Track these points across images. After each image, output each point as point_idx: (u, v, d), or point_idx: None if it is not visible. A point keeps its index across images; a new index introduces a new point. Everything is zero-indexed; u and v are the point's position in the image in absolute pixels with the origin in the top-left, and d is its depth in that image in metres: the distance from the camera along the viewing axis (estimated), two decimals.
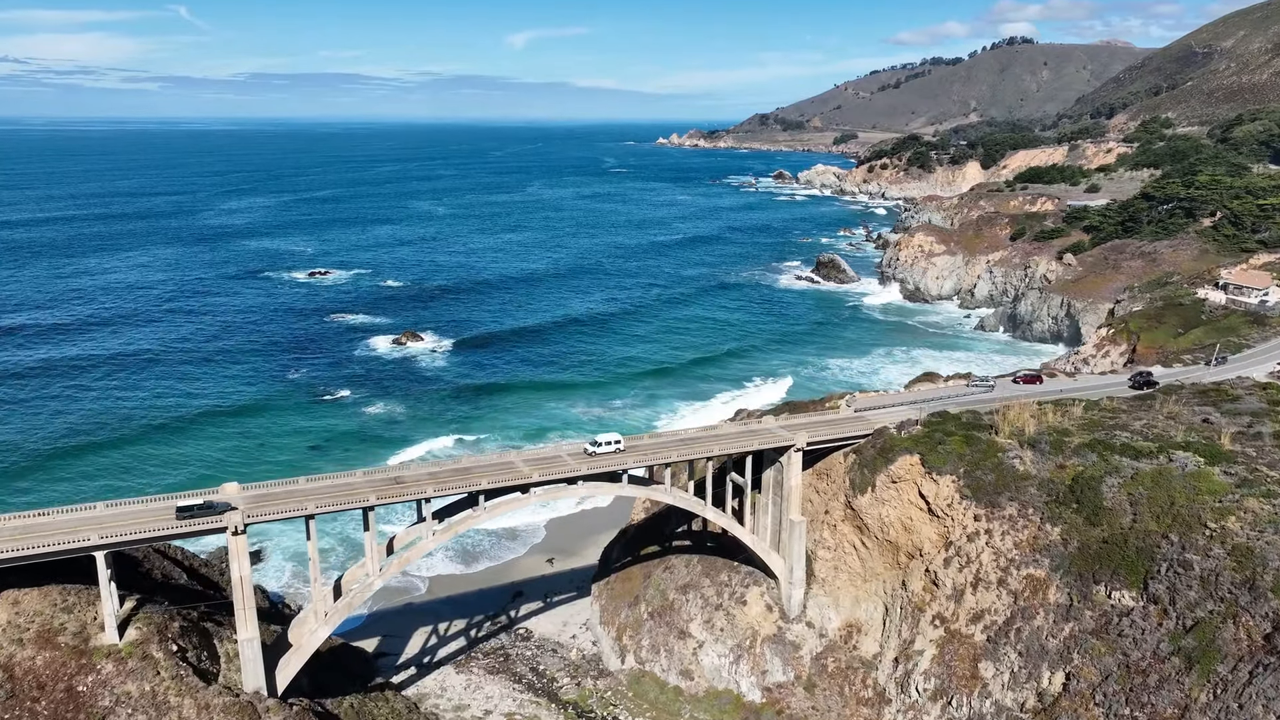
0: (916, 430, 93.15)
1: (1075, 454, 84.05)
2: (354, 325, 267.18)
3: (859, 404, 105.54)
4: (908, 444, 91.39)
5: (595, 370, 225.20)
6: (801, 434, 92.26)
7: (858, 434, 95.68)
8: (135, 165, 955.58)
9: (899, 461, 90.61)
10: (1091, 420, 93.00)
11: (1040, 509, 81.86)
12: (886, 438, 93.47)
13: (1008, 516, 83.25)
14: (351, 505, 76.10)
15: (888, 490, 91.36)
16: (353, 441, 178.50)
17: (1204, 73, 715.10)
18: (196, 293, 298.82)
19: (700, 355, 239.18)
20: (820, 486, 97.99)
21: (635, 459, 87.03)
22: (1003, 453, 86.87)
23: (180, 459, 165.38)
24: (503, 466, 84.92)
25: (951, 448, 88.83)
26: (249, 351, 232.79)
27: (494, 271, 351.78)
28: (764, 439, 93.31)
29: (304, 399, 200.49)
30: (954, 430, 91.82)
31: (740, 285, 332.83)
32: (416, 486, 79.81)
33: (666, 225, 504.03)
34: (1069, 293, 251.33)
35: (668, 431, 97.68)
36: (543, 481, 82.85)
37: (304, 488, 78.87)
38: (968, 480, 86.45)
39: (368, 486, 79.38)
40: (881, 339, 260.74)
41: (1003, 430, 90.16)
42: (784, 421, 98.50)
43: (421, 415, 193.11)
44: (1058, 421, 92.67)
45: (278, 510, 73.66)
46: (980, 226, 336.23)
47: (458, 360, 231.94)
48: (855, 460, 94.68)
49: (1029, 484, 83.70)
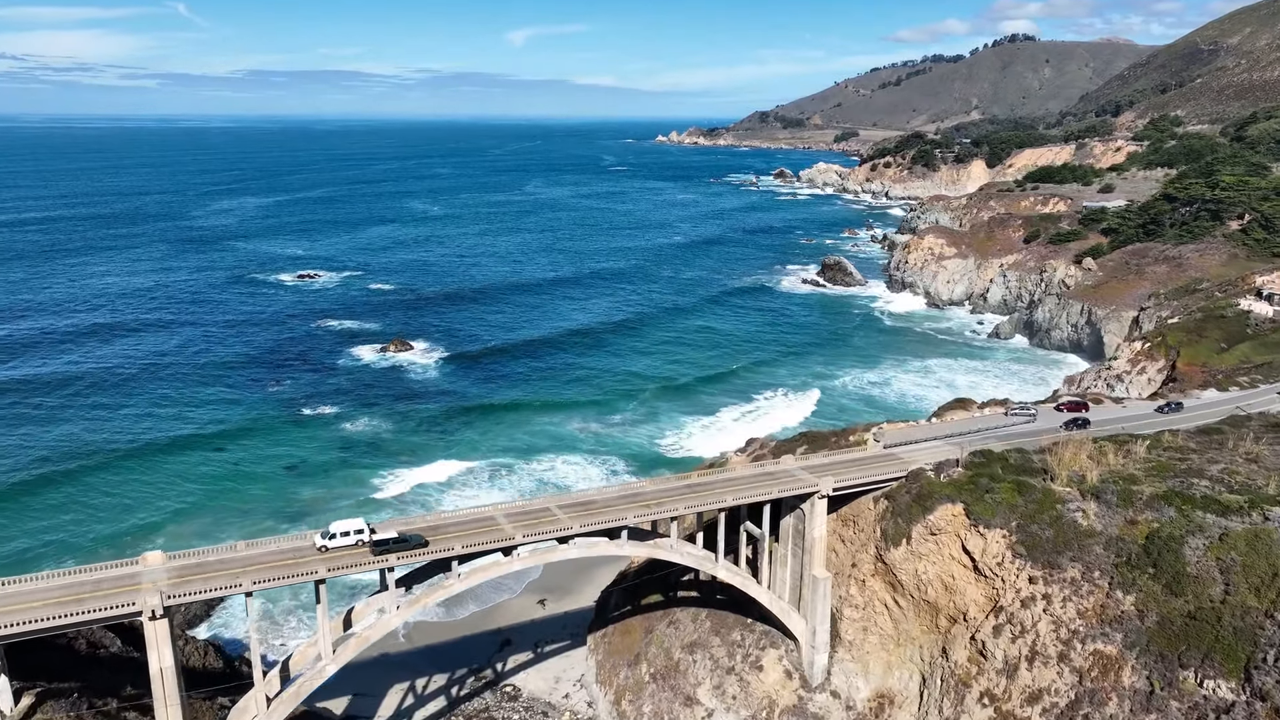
0: (958, 474, 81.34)
1: (1148, 507, 72.24)
2: (341, 332, 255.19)
3: (888, 438, 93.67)
4: (949, 490, 79.59)
5: (592, 382, 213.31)
6: (827, 478, 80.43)
7: (889, 476, 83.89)
8: (128, 163, 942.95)
9: (939, 511, 78.85)
10: (1159, 463, 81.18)
11: (1109, 572, 70.13)
12: (923, 482, 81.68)
13: (1070, 580, 71.51)
14: (298, 578, 63.91)
15: (926, 543, 79.61)
16: (334, 463, 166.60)
17: (1212, 70, 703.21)
18: (177, 300, 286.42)
19: (703, 365, 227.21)
20: (846, 535, 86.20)
21: (637, 512, 74.96)
22: (1061, 503, 75.02)
23: (143, 488, 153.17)
24: (481, 524, 72.80)
25: (1001, 496, 76.96)
26: (228, 363, 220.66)
27: (488, 275, 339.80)
28: (784, 484, 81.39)
29: (283, 415, 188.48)
30: (1002, 474, 79.98)
31: (743, 290, 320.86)
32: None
33: (667, 226, 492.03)
34: (1089, 299, 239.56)
35: (671, 479, 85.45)
36: (528, 541, 70.75)
37: (243, 554, 66.65)
38: (1021, 535, 74.63)
39: (319, 553, 67.31)
40: (892, 347, 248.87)
41: (1059, 475, 78.33)
42: (805, 462, 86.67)
43: (408, 431, 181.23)
44: (1119, 464, 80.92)
45: (208, 587, 61.46)
46: (992, 228, 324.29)
47: (448, 371, 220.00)
48: (888, 507, 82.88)
49: (1094, 542, 71.93)
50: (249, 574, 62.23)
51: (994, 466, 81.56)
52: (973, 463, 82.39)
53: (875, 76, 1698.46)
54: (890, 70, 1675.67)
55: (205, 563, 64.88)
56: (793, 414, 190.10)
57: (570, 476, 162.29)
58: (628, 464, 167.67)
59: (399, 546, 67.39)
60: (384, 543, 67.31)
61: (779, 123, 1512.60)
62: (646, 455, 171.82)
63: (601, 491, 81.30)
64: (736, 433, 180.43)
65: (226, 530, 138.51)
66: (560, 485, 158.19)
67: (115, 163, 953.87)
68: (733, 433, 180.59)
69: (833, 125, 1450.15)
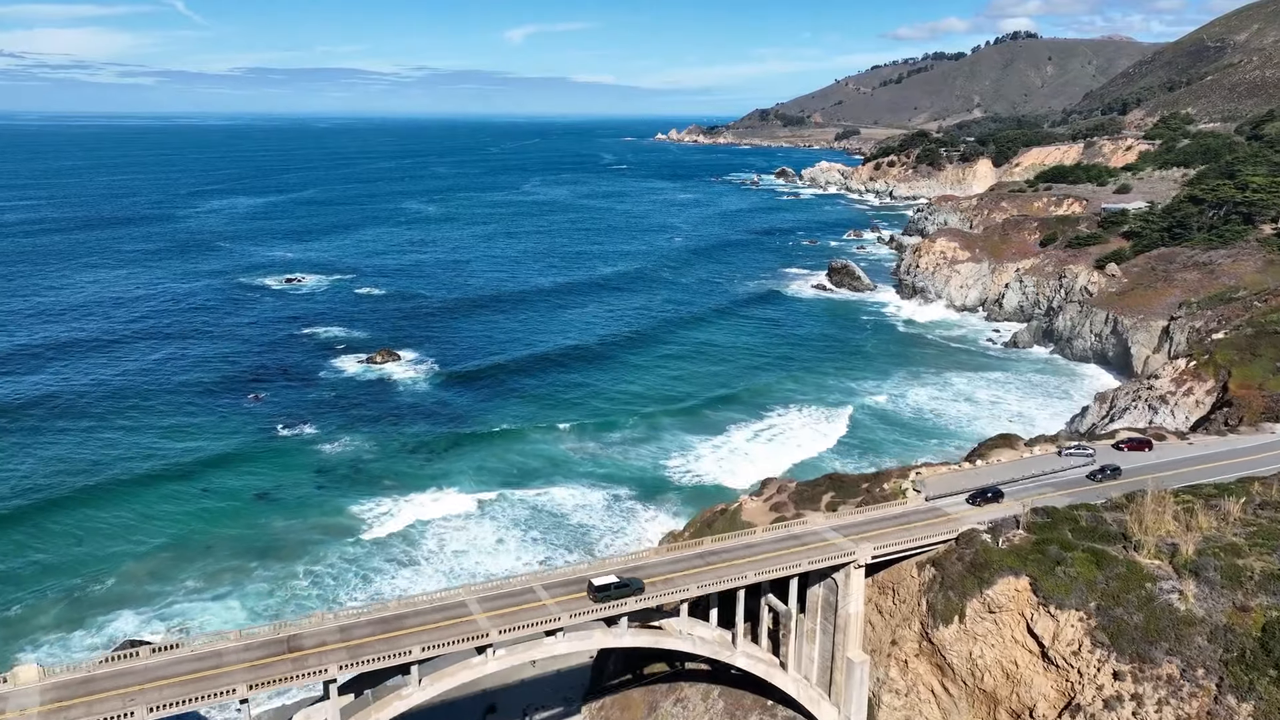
0: (1019, 537, 68.68)
1: (1261, 589, 59.68)
2: (325, 341, 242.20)
3: (930, 487, 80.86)
4: (1010, 560, 66.94)
5: (590, 396, 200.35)
6: (864, 544, 67.77)
7: (937, 539, 71.20)
8: (120, 162, 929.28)
9: (999, 584, 66.22)
10: (1261, 527, 68.44)
11: (1216, 670, 57.55)
12: (979, 546, 68.98)
13: (1166, 678, 58.88)
14: (211, 699, 50.69)
15: (983, 622, 66.94)
16: (309, 491, 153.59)
17: (1222, 67, 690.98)
18: (156, 310, 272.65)
19: (708, 378, 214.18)
20: (885, 605, 73.52)
21: (641, 595, 62.06)
22: (1152, 581, 62.37)
23: (100, 522, 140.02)
24: (448, 613, 59.76)
25: (1076, 570, 64.30)
26: (204, 378, 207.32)
27: (482, 280, 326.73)
28: (814, 553, 68.73)
29: (258, 436, 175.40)
30: (1073, 540, 67.27)
31: (748, 296, 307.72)
32: (316, 660, 54.48)
33: (667, 227, 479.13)
34: (1115, 307, 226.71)
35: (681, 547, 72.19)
36: (507, 641, 57.86)
37: (145, 663, 53.33)
38: (1103, 620, 61.99)
39: (240, 664, 54.05)
40: (906, 357, 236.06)
41: (1144, 543, 65.58)
42: (836, 520, 73.95)
43: (391, 454, 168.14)
44: (1212, 527, 68.21)
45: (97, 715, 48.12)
46: (1006, 231, 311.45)
47: (436, 384, 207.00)
48: (935, 576, 70.20)
49: (1195, 632, 59.37)
50: (149, 691, 49.04)
51: (1061, 529, 68.86)
52: (1036, 523, 69.64)
53: (876, 74, 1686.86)
54: (891, 68, 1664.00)
55: (94, 681, 51.36)
56: (807, 434, 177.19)
57: (567, 504, 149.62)
58: (630, 490, 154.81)
59: (620, 592, 63.81)
60: (605, 588, 63.86)
61: (779, 121, 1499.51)
62: (651, 480, 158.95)
63: (597, 566, 68.33)
64: (749, 454, 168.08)
65: (185, 571, 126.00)
66: (555, 515, 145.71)
67: (107, 161, 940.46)
68: (745, 454, 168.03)
69: (834, 123, 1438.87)
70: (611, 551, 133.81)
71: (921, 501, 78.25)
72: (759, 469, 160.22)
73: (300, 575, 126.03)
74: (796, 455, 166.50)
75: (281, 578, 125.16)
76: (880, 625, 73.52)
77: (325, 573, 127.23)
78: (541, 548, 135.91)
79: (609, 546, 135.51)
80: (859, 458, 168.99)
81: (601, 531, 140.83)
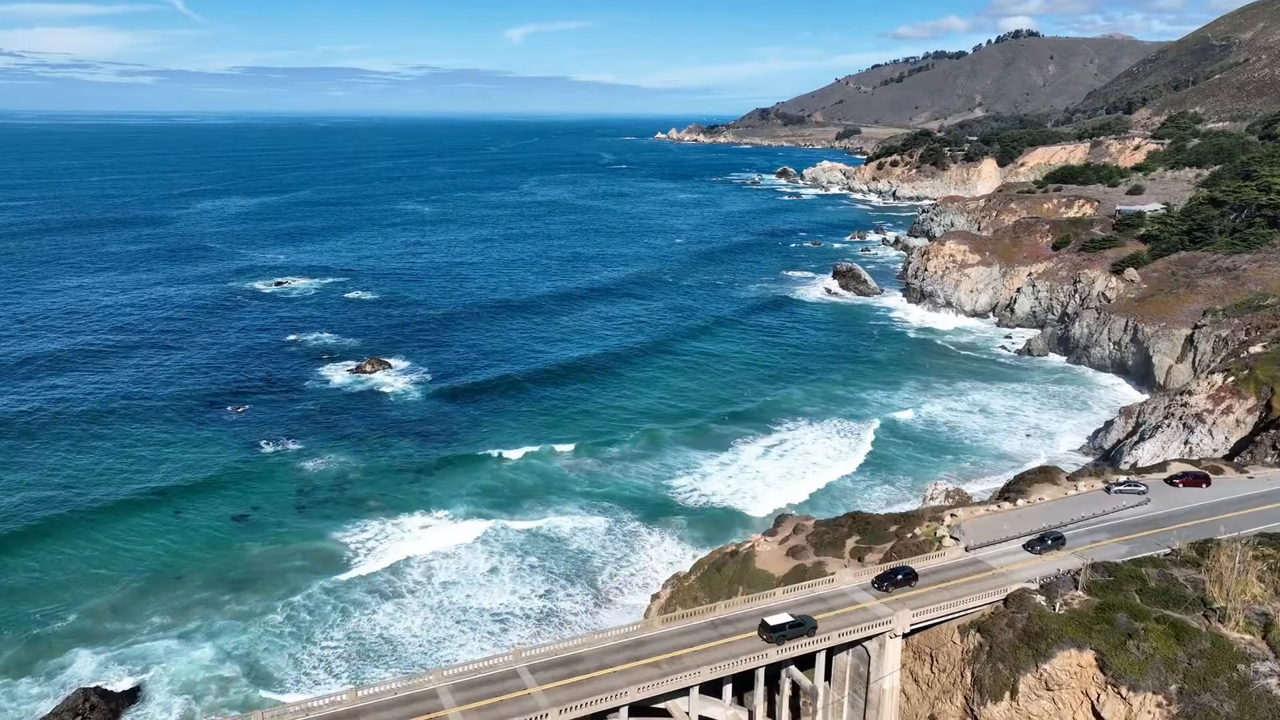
0: (1078, 600, 59.76)
1: None
2: (314, 347, 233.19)
3: (970, 533, 72.01)
4: (1071, 630, 58.09)
5: (587, 408, 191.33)
6: (903, 612, 58.88)
7: (984, 602, 62.26)
8: (114, 162, 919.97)
9: (1059, 658, 57.39)
10: None
11: None
12: (1032, 611, 60.14)
13: None
14: None
15: (1039, 700, 58.08)
16: (289, 511, 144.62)
17: (1228, 66, 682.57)
18: (140, 316, 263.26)
19: (711, 389, 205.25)
20: (921, 674, 64.62)
21: (643, 681, 53.11)
22: (1245, 662, 53.51)
23: (62, 550, 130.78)
24: (415, 707, 50.67)
25: (1152, 645, 55.46)
26: (184, 389, 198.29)
27: (477, 283, 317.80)
28: (844, 621, 59.73)
29: (239, 450, 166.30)
30: (1143, 606, 58.36)
31: (751, 300, 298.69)
32: None
33: (667, 228, 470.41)
34: (1135, 315, 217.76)
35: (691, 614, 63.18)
36: None
37: None
38: (1187, 707, 53.17)
39: None
40: (917, 366, 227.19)
41: (1229, 613, 56.65)
42: (867, 578, 64.85)
43: (378, 472, 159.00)
44: None
45: None
46: (1017, 233, 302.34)
47: (427, 395, 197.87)
48: (981, 644, 61.31)
49: None
50: None
51: (1128, 590, 59.98)
52: (1096, 583, 60.67)
53: (877, 73, 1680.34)
54: (892, 66, 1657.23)
55: None
56: (819, 450, 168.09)
57: (565, 528, 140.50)
58: (633, 513, 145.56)
59: (795, 632, 62.43)
60: (780, 628, 62.63)
61: (780, 120, 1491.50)
62: (654, 501, 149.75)
63: (592, 639, 59.30)
64: (759, 473, 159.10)
65: (152, 606, 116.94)
66: (553, 539, 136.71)
67: (101, 162, 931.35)
68: (755, 473, 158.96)
69: (834, 122, 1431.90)
70: (616, 583, 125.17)
71: (961, 552, 69.31)
72: (771, 490, 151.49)
73: (278, 610, 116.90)
74: (811, 476, 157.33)
75: (256, 613, 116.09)
76: (916, 697, 64.68)
77: (303, 606, 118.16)
78: (539, 577, 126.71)
79: (613, 577, 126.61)
80: (872, 475, 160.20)
81: (604, 559, 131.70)
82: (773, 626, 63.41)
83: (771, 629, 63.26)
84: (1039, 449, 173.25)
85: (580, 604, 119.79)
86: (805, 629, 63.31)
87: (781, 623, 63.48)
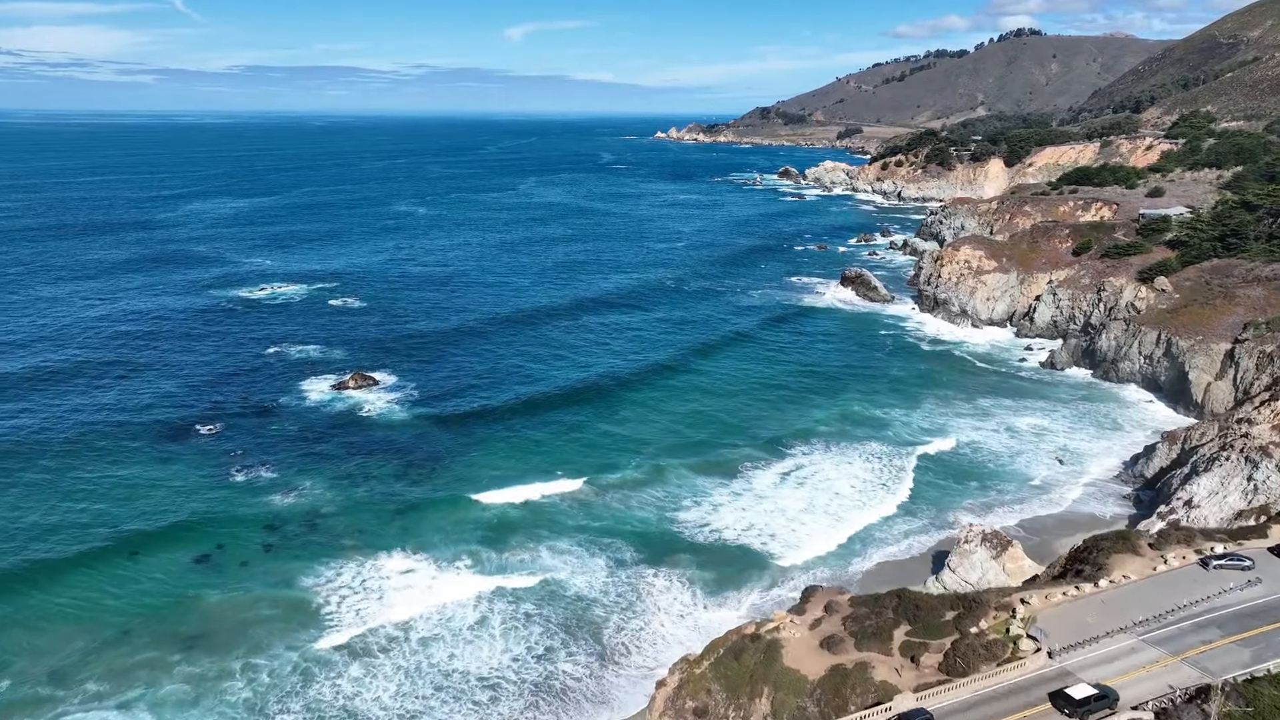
0: None
1: None
2: (295, 360, 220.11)
3: (1051, 631, 58.61)
4: None
5: (584, 430, 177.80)
6: None
7: None
8: (106, 163, 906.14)
9: None
10: None
11: None
12: None
13: None
14: None
15: None
16: (256, 550, 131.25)
17: (1238, 64, 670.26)
18: (114, 329, 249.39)
19: (717, 408, 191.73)
20: None
21: None
22: None
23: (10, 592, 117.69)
24: None
25: None
26: (153, 410, 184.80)
27: (470, 290, 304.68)
28: None
29: (207, 479, 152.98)
30: None
31: (756, 310, 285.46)
32: None
33: (668, 230, 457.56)
34: (1168, 327, 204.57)
35: None
36: None
37: None
38: None
39: None
40: (935, 380, 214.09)
41: None
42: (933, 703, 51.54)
43: (356, 503, 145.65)
44: None
45: None
46: (1035, 238, 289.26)
47: (412, 415, 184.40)
48: None
49: None
50: None
51: None
52: (1231, 716, 47.35)
53: (878, 72, 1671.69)
54: (893, 65, 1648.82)
55: None
56: (841, 477, 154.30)
57: (562, 570, 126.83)
58: (637, 550, 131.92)
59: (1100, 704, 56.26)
60: (1085, 702, 56.35)
61: (780, 119, 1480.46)
62: (659, 537, 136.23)
63: None
64: (776, 503, 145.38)
65: (90, 668, 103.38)
66: (549, 583, 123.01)
67: (95, 162, 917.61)
68: (771, 504, 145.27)
69: (835, 121, 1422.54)
70: (623, 639, 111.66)
71: (1043, 660, 56.05)
72: (791, 526, 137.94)
73: (235, 673, 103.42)
74: (833, 508, 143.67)
75: (209, 676, 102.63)
76: None
77: (264, 667, 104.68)
78: (535, 630, 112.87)
79: (620, 631, 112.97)
80: (902, 512, 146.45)
81: (607, 608, 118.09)
82: (1078, 700, 56.11)
83: (1077, 703, 55.92)
84: (1071, 476, 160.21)
85: (584, 666, 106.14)
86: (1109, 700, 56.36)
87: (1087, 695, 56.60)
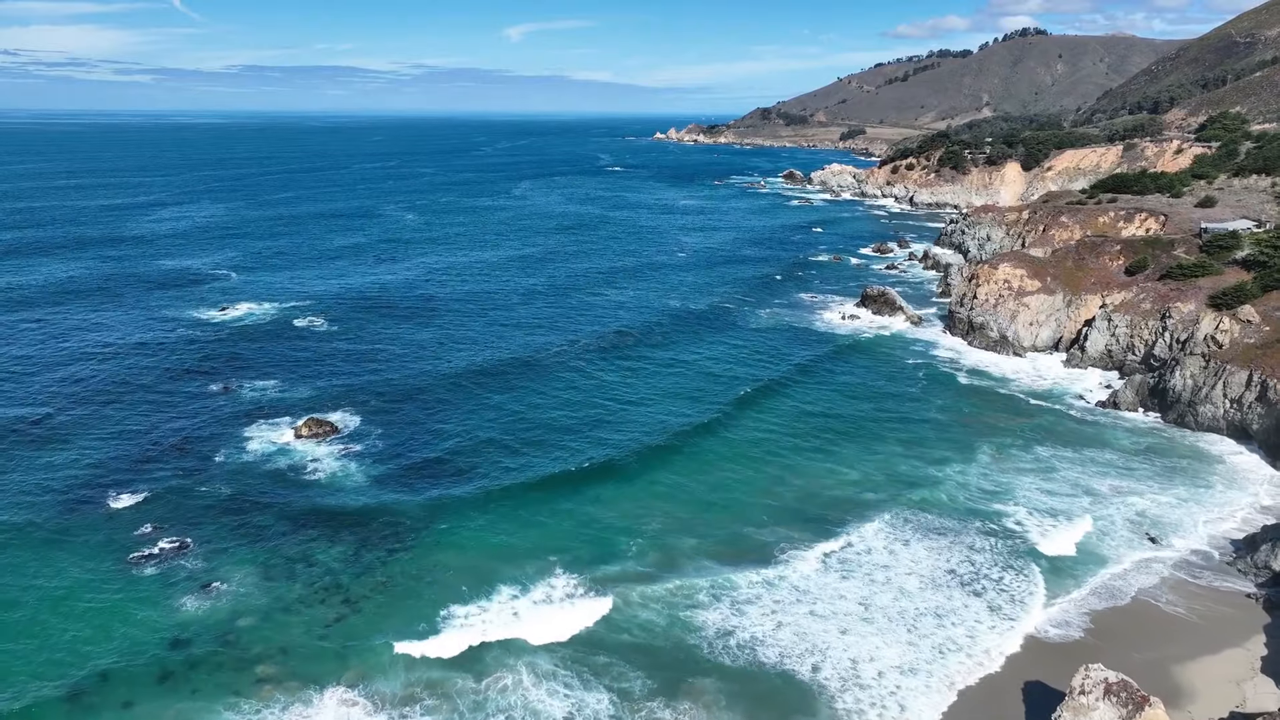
0: None
1: None
2: (244, 400, 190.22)
3: None
4: None
5: (577, 500, 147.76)
6: None
7: None
8: (89, 168, 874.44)
9: None
10: None
11: None
12: None
13: None
14: None
15: None
16: (146, 684, 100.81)
17: (1261, 63, 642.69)
18: (41, 364, 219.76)
19: (736, 466, 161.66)
20: None
21: None
22: None
23: None
24: None
25: None
26: (64, 467, 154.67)
27: (452, 316, 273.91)
28: None
29: (104, 572, 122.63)
30: None
31: (770, 336, 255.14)
32: None
33: (668, 240, 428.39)
34: (1260, 366, 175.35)
35: None
36: None
37: None
38: None
39: None
40: (984, 426, 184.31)
41: None
42: None
43: (288, 607, 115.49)
44: None
45: None
46: (1082, 254, 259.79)
47: (370, 476, 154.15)
48: None
49: None
50: None
51: None
52: None
53: (880, 72, 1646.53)
54: (896, 65, 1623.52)
55: None
56: (899, 562, 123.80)
57: (550, 709, 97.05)
58: (645, 677, 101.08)
59: None
60: None
61: (782, 120, 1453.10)
62: (671, 654, 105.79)
63: None
64: (820, 600, 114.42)
65: None
66: None
67: (79, 166, 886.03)
68: (815, 601, 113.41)
69: (838, 122, 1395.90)
70: None
71: None
72: (847, 640, 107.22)
73: None
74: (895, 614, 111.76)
75: None
76: None
77: None
78: None
79: None
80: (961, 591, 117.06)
81: None
82: None
83: None
84: (1173, 566, 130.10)
85: None
86: None
87: None
